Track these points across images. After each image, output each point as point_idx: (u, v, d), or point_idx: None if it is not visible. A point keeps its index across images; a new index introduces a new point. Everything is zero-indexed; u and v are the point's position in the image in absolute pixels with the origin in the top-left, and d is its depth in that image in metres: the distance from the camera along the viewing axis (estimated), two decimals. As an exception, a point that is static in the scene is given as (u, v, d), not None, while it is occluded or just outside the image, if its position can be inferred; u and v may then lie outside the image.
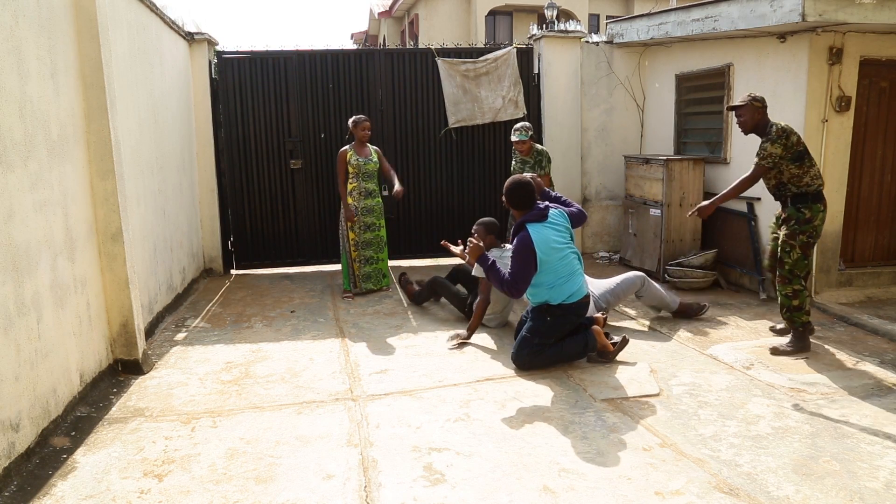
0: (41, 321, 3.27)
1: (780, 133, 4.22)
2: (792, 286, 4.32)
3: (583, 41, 7.57)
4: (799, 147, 4.23)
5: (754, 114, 4.31)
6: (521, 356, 4.17)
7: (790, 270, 4.32)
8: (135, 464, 3.06)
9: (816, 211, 4.26)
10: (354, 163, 5.86)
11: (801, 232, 4.27)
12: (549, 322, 4.16)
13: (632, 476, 2.88)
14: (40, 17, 3.43)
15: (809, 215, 4.25)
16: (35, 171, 3.29)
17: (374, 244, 6.07)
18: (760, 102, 4.31)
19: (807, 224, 4.26)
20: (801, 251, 4.29)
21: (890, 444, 3.13)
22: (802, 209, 4.26)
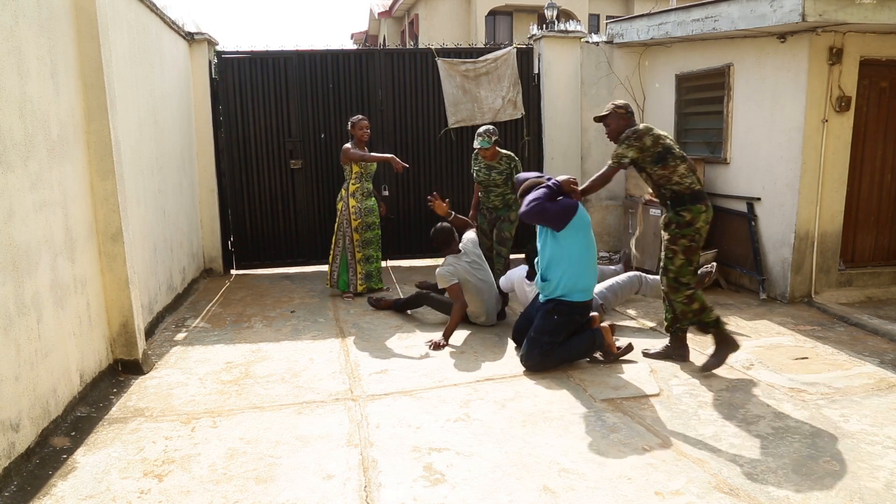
0: (41, 321, 3.27)
1: (630, 135, 4.01)
2: (683, 293, 4.04)
3: (583, 41, 7.56)
4: (657, 148, 3.98)
5: (619, 121, 4.14)
6: (532, 357, 4.13)
7: (675, 278, 4.04)
8: (135, 464, 3.06)
9: (697, 212, 3.98)
10: (360, 164, 5.86)
11: (682, 236, 4.00)
12: (556, 321, 4.16)
13: (632, 476, 2.88)
14: (40, 17, 3.43)
15: (690, 218, 3.98)
16: (35, 171, 3.29)
17: (374, 243, 6.08)
18: (624, 109, 4.15)
19: (687, 227, 3.99)
20: (684, 256, 4.01)
21: (890, 444, 3.13)
22: (681, 212, 4.00)
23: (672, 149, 4.02)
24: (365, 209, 5.95)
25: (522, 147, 7.62)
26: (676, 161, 4.00)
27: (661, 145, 4.00)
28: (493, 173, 5.53)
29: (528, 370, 4.15)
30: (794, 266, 5.58)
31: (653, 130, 4.04)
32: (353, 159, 5.82)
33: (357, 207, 5.90)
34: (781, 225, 5.68)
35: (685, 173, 4.01)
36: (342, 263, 6.07)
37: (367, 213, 5.97)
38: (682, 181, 4.00)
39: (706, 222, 4.04)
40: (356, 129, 5.89)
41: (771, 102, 5.70)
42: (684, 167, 4.01)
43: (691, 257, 4.03)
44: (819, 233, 5.59)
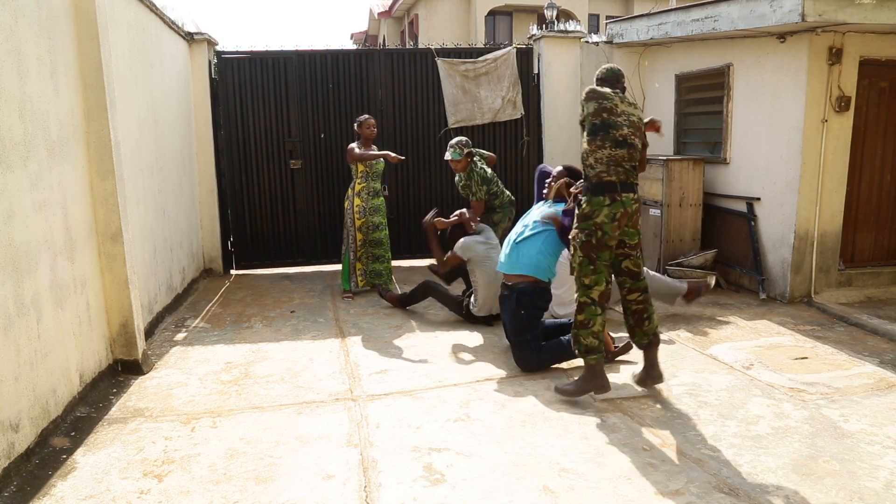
0: (41, 321, 3.27)
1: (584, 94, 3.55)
2: (579, 297, 3.56)
3: (582, 41, 7.57)
4: (595, 119, 3.46)
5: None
6: (525, 358, 4.14)
7: (576, 277, 3.58)
8: (135, 464, 3.06)
9: (597, 205, 3.43)
10: (366, 163, 5.85)
11: (580, 229, 3.50)
12: (524, 315, 4.12)
13: (632, 476, 2.88)
14: (40, 17, 3.43)
15: (587, 210, 3.47)
16: (35, 171, 3.29)
17: (384, 242, 6.07)
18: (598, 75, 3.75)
19: (584, 220, 3.48)
20: (582, 253, 3.49)
21: (890, 444, 3.13)
22: (582, 201, 3.51)
23: (613, 128, 3.46)
24: (370, 208, 5.94)
25: (522, 147, 7.62)
26: (606, 143, 3.45)
27: (602, 119, 3.47)
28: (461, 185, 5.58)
29: (525, 372, 4.14)
30: (793, 266, 5.58)
31: (607, 100, 3.49)
32: (354, 159, 5.83)
33: (362, 207, 5.90)
34: (781, 225, 5.68)
35: (604, 160, 3.45)
36: (345, 262, 6.08)
37: (372, 213, 5.95)
38: (594, 166, 3.47)
39: (609, 218, 3.43)
40: (363, 128, 5.89)
41: (771, 102, 5.70)
42: (607, 153, 3.44)
43: (590, 254, 3.49)
44: (819, 233, 5.59)
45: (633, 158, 3.54)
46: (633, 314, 3.70)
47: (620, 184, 3.46)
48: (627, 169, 3.50)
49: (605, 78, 3.68)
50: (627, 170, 3.50)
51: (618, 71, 3.71)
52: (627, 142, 3.49)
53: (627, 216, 3.48)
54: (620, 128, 3.48)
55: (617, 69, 3.71)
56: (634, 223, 3.56)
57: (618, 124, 3.48)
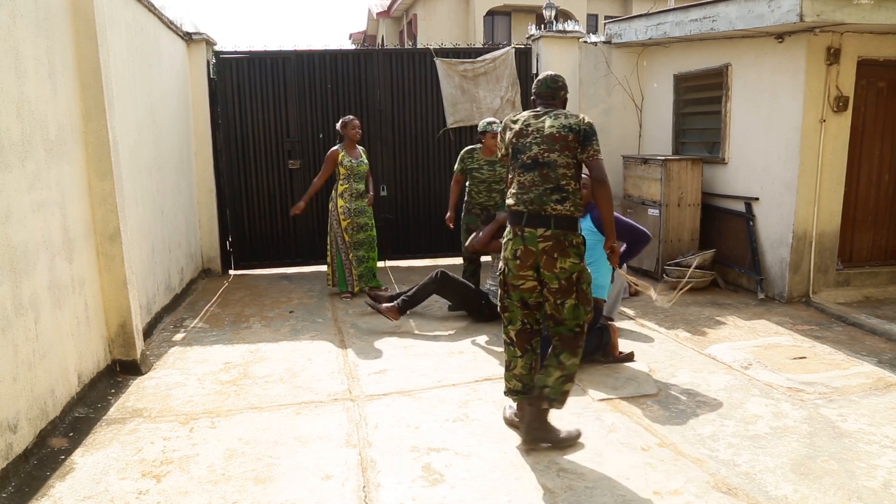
0: (39, 322, 3.27)
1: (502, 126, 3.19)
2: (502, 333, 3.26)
3: (581, 41, 7.57)
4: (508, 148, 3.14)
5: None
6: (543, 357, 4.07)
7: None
8: (133, 464, 3.05)
9: (508, 236, 3.09)
10: (347, 164, 5.84)
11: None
12: None
13: (630, 476, 2.88)
14: (38, 17, 3.43)
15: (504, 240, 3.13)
16: (33, 171, 3.28)
17: (367, 244, 6.07)
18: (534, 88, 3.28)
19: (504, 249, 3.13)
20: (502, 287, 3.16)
21: (888, 443, 3.14)
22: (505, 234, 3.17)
23: (520, 152, 3.06)
24: (355, 210, 5.93)
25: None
26: (516, 170, 3.08)
27: (512, 144, 3.11)
28: (496, 167, 5.45)
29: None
30: (792, 266, 5.59)
31: (515, 123, 3.13)
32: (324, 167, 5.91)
33: (346, 208, 5.89)
34: (779, 225, 5.68)
35: (512, 190, 3.09)
36: (338, 264, 6.07)
37: (357, 214, 5.95)
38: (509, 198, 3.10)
39: (513, 255, 3.02)
40: (348, 129, 5.88)
41: (769, 102, 5.71)
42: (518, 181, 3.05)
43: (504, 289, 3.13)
44: (817, 232, 5.59)
45: (550, 180, 2.98)
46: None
47: (528, 215, 2.98)
48: (539, 194, 2.97)
49: (539, 93, 3.21)
50: (540, 195, 2.97)
51: (553, 83, 3.19)
52: (539, 161, 2.99)
53: (532, 255, 2.98)
54: (529, 149, 3.03)
55: (552, 79, 3.20)
56: (547, 265, 2.95)
57: (522, 146, 3.05)
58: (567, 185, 2.98)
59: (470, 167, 5.54)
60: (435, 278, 5.21)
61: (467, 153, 5.55)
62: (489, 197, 5.53)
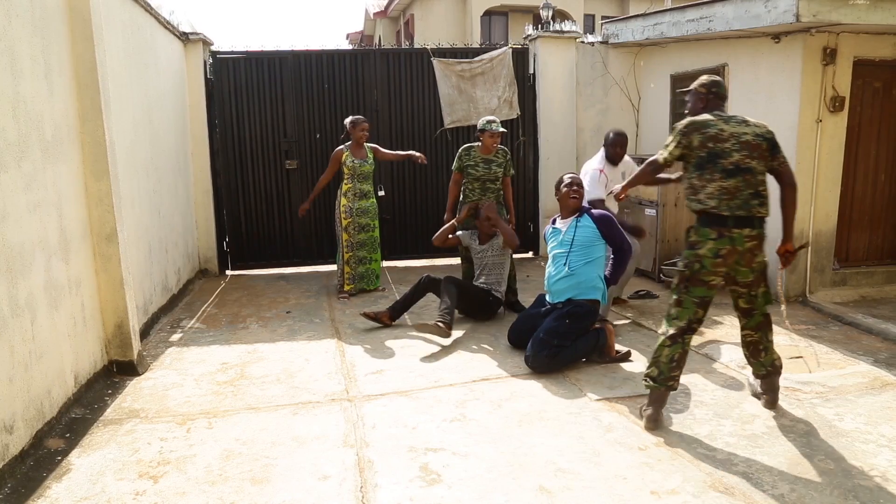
0: (35, 322, 3.26)
1: (680, 128, 3.35)
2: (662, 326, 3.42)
3: (578, 41, 7.58)
4: (701, 152, 3.26)
5: (696, 102, 3.51)
6: (540, 359, 4.07)
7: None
8: (130, 465, 3.05)
9: (703, 235, 3.25)
10: (350, 164, 5.85)
11: (682, 257, 3.36)
12: (568, 325, 4.16)
13: (628, 475, 2.88)
14: (34, 16, 3.42)
15: (693, 239, 3.29)
16: (29, 171, 3.28)
17: (368, 245, 6.07)
18: (706, 88, 3.47)
19: (689, 249, 3.31)
20: (676, 282, 3.36)
21: (884, 442, 3.15)
22: (690, 231, 3.35)
23: (720, 157, 3.22)
24: (358, 209, 5.93)
25: (518, 147, 7.62)
26: (714, 175, 3.22)
27: (708, 150, 3.24)
28: (492, 166, 5.41)
29: (533, 371, 4.10)
30: (788, 265, 5.60)
31: (710, 128, 3.27)
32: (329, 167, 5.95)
33: (348, 207, 5.89)
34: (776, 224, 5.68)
35: (714, 194, 3.22)
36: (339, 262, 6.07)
37: (360, 214, 5.95)
38: (706, 201, 3.24)
39: (712, 254, 3.22)
40: (356, 129, 5.87)
41: (765, 102, 5.71)
42: (716, 186, 3.21)
43: (685, 286, 3.31)
44: (813, 232, 5.60)
45: (752, 185, 3.22)
46: (746, 346, 3.57)
47: (735, 218, 3.20)
48: (746, 199, 3.21)
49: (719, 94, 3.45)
50: (746, 200, 3.21)
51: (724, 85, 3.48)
52: (741, 167, 3.22)
53: (735, 254, 3.22)
54: (725, 155, 3.23)
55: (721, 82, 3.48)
56: (748, 262, 3.25)
57: (719, 151, 3.24)
58: (764, 191, 3.30)
59: (466, 164, 5.47)
60: (420, 283, 5.14)
61: (465, 150, 5.51)
62: (483, 195, 5.45)
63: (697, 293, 3.30)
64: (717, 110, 3.43)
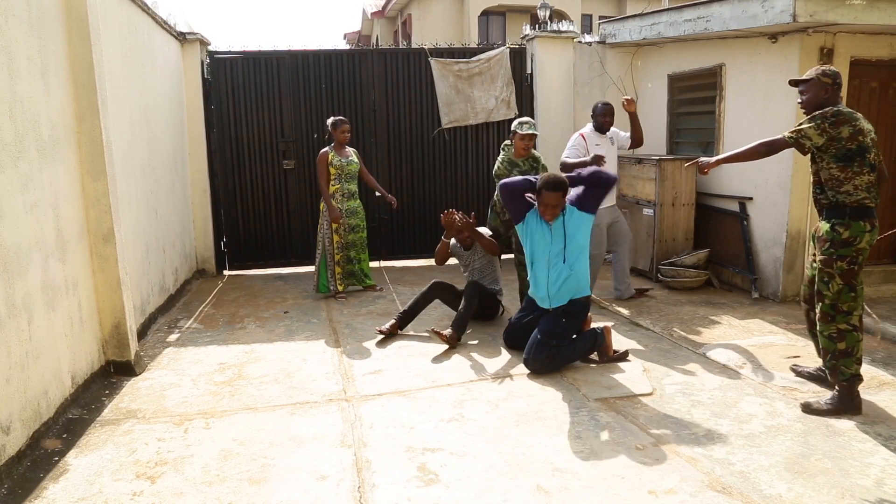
0: (32, 323, 3.25)
1: (825, 116, 3.33)
2: (836, 325, 3.46)
3: (575, 41, 7.58)
4: (851, 144, 3.31)
5: (819, 92, 3.44)
6: (539, 361, 4.06)
7: (832, 305, 3.46)
8: (127, 466, 3.04)
9: (858, 230, 3.36)
10: (337, 164, 5.83)
11: (840, 257, 3.40)
12: (565, 324, 4.17)
13: (625, 475, 2.89)
14: (30, 16, 3.41)
15: (847, 235, 3.37)
16: (26, 171, 3.27)
17: (358, 244, 6.07)
18: (831, 79, 3.41)
19: (845, 247, 3.38)
20: (843, 281, 3.42)
21: (881, 441, 3.15)
22: (837, 227, 3.39)
23: (867, 152, 3.34)
24: (347, 210, 5.92)
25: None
26: (864, 168, 3.33)
27: (858, 143, 3.32)
28: (514, 171, 5.10)
29: (533, 373, 4.09)
30: (785, 265, 5.61)
31: (858, 121, 3.34)
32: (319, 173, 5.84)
33: (336, 209, 5.87)
34: (773, 224, 5.70)
35: (863, 186, 3.34)
36: (321, 265, 6.04)
37: (349, 215, 5.94)
38: (855, 192, 3.35)
39: (869, 243, 3.40)
40: (338, 131, 5.85)
41: (763, 102, 5.72)
42: (866, 179, 3.34)
43: (852, 281, 3.43)
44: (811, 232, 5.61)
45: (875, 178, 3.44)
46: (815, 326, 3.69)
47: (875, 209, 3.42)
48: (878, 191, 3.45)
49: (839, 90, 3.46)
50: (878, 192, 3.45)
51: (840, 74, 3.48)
52: (876, 165, 3.42)
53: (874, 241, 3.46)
54: (870, 148, 3.38)
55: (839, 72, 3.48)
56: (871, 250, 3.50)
57: (868, 145, 3.36)
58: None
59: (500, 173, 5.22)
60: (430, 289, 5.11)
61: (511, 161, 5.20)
62: None
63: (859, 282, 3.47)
64: (838, 103, 3.43)
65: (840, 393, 3.47)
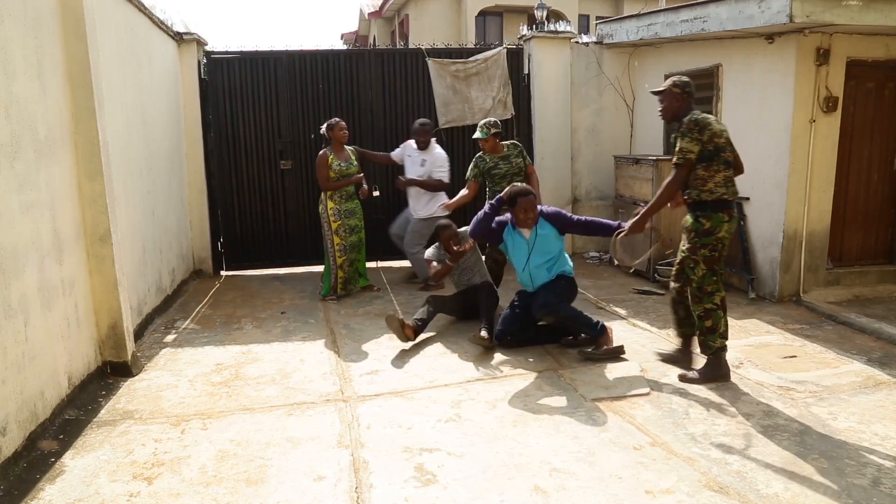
0: (28, 324, 3.24)
1: (691, 126, 3.73)
2: (703, 305, 3.86)
3: (573, 42, 7.58)
4: (709, 146, 3.73)
5: (672, 101, 3.90)
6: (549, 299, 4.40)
7: (698, 287, 3.86)
8: (124, 467, 3.04)
9: (717, 221, 3.76)
10: (337, 168, 5.80)
11: (703, 245, 3.80)
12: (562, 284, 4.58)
13: (623, 475, 2.89)
14: (26, 16, 3.40)
15: (709, 226, 3.77)
16: (22, 172, 3.26)
17: (357, 246, 6.06)
18: (680, 88, 3.87)
19: (707, 236, 3.78)
20: (706, 266, 3.81)
21: (877, 441, 3.16)
22: (700, 219, 3.80)
23: (723, 151, 3.76)
24: (345, 211, 5.90)
25: (513, 147, 7.62)
26: (720, 166, 3.75)
27: (714, 144, 3.74)
28: (511, 160, 5.57)
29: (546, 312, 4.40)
30: (782, 265, 5.62)
31: (711, 125, 3.75)
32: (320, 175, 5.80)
33: (336, 210, 5.85)
34: (770, 224, 5.71)
35: (722, 182, 3.76)
36: (326, 268, 6.02)
37: (347, 216, 5.92)
38: (716, 189, 3.76)
39: (729, 233, 3.81)
40: (335, 131, 5.82)
41: (759, 103, 5.73)
42: (724, 175, 3.76)
43: (713, 266, 3.81)
44: (807, 232, 5.63)
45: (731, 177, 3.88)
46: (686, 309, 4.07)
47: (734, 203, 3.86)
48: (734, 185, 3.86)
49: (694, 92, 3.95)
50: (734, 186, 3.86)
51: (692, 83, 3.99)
52: (731, 161, 3.86)
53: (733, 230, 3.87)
54: (725, 147, 3.81)
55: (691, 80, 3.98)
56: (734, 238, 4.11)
57: (722, 145, 3.78)
58: None
59: (488, 167, 5.57)
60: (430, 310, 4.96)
61: (479, 158, 5.64)
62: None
63: (721, 267, 3.87)
64: (692, 109, 3.87)
65: (708, 363, 3.93)
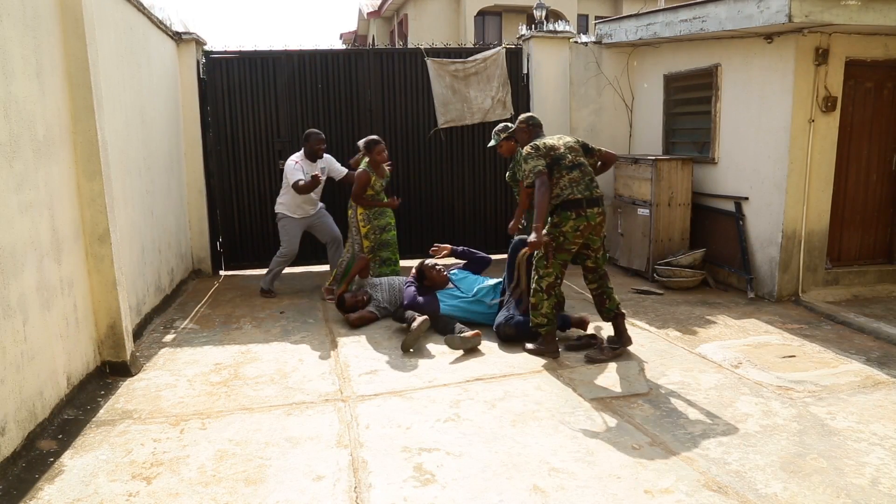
0: (27, 323, 3.24)
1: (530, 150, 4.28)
2: (535, 284, 4.37)
3: (572, 41, 7.58)
4: (548, 159, 4.24)
5: (522, 135, 4.63)
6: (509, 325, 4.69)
7: (535, 267, 4.39)
8: (123, 466, 3.03)
9: (563, 217, 4.23)
10: (378, 188, 5.78)
11: (548, 233, 4.29)
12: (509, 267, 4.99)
13: (621, 475, 2.89)
14: (25, 16, 3.40)
15: (556, 220, 4.26)
16: (21, 171, 3.26)
17: (392, 244, 5.99)
18: (525, 123, 4.60)
19: (554, 228, 4.27)
20: (545, 250, 4.32)
21: (876, 440, 3.16)
22: (553, 215, 4.28)
23: (563, 159, 4.26)
24: (374, 212, 5.85)
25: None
26: (563, 171, 4.25)
27: (551, 157, 4.26)
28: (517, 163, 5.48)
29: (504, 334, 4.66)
30: (781, 265, 5.62)
31: (544, 141, 4.33)
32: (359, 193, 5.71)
33: (365, 214, 5.82)
34: (769, 224, 5.72)
35: (567, 185, 4.23)
36: (347, 266, 5.96)
37: (377, 217, 5.84)
38: (562, 192, 4.23)
39: (573, 229, 4.21)
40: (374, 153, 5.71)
41: (758, 102, 5.74)
42: (568, 178, 4.24)
43: (549, 253, 4.28)
44: (806, 232, 5.63)
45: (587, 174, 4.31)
46: (595, 298, 4.54)
47: (585, 200, 4.22)
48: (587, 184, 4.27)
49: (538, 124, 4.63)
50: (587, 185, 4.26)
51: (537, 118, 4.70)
52: (576, 166, 4.28)
53: (591, 228, 4.25)
54: (565, 156, 4.28)
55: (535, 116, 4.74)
56: (597, 232, 4.33)
57: (559, 156, 4.27)
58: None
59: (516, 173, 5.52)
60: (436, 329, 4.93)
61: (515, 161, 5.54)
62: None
63: (561, 258, 4.32)
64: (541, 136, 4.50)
65: (540, 339, 4.45)
